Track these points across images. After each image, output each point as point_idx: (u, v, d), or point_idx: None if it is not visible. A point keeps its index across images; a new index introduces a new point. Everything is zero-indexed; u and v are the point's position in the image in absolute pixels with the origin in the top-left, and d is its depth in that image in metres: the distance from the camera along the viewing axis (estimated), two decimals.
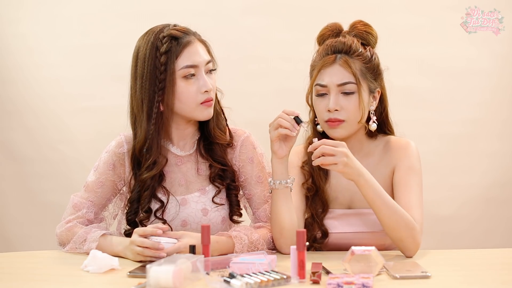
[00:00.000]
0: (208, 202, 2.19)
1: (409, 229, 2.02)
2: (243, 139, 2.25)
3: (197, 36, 2.17)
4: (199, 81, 2.13)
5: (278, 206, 2.10)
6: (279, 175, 2.09)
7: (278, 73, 3.28)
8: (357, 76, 2.11)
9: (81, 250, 2.10)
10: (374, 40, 2.20)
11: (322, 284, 1.72)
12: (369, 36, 2.19)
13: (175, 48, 2.11)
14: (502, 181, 3.29)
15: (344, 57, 2.13)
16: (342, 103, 2.11)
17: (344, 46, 2.14)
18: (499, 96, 3.28)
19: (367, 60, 2.14)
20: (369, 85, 2.14)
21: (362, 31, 2.19)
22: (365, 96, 2.13)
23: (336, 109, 2.11)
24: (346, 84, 2.11)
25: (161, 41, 2.11)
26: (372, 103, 2.16)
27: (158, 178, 2.16)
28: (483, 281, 1.77)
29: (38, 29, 3.35)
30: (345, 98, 2.12)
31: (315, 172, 2.20)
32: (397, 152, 2.18)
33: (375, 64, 2.16)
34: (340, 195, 2.21)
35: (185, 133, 2.22)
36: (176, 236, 2.01)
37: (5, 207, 3.40)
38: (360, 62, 2.13)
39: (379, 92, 2.18)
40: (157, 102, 2.11)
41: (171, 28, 2.14)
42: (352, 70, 2.11)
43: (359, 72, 2.12)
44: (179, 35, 2.12)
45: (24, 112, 3.37)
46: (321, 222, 2.18)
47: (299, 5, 3.27)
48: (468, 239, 3.28)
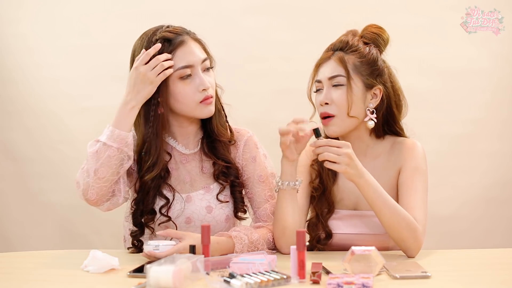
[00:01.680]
0: (212, 200, 2.19)
1: (410, 230, 2.02)
2: (247, 139, 2.27)
3: (191, 35, 2.18)
4: (196, 80, 2.13)
5: (283, 207, 2.10)
6: (287, 176, 2.10)
7: (278, 73, 3.28)
8: (348, 69, 2.13)
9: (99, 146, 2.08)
10: (382, 42, 2.21)
11: (322, 284, 1.72)
12: (376, 37, 2.20)
13: (167, 49, 2.11)
14: (502, 181, 3.29)
15: (339, 53, 2.17)
16: (332, 96, 2.14)
17: (341, 43, 2.18)
18: (499, 96, 3.27)
19: (363, 55, 2.15)
20: (363, 80, 2.15)
21: (370, 32, 2.20)
22: (357, 90, 2.14)
23: (326, 102, 2.14)
24: (336, 77, 2.14)
25: (153, 43, 2.12)
26: (371, 101, 2.16)
27: (163, 175, 2.17)
28: (483, 281, 1.77)
29: (38, 29, 3.35)
30: (334, 91, 2.14)
31: (324, 171, 2.21)
32: (403, 153, 2.18)
33: (371, 60, 2.16)
34: (346, 196, 2.22)
35: (188, 131, 2.23)
36: (178, 237, 2.01)
37: (5, 207, 3.40)
38: (355, 57, 2.15)
39: (380, 90, 2.18)
40: (153, 105, 2.12)
41: (163, 30, 2.15)
42: (343, 64, 2.13)
43: (352, 66, 2.14)
44: (171, 37, 2.13)
45: (24, 112, 3.37)
46: (326, 223, 2.19)
47: (299, 5, 3.27)
48: (468, 239, 3.28)
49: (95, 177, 2.07)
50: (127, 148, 2.08)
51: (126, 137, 2.08)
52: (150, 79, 2.08)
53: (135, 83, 2.09)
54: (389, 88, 2.19)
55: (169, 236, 2.04)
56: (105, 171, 2.06)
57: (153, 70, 2.08)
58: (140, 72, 2.08)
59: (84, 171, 2.10)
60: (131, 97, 2.09)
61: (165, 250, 1.96)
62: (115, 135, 2.07)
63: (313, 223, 2.20)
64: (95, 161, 2.07)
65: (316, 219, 2.20)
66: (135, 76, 2.09)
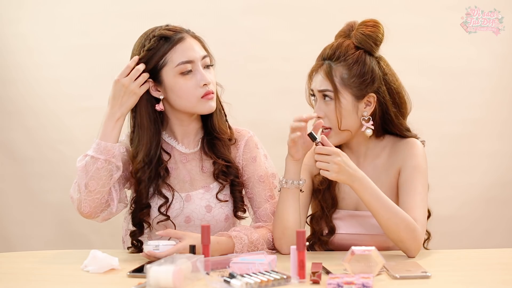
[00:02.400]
0: (212, 199, 2.20)
1: (409, 230, 2.02)
2: (247, 139, 2.27)
3: (191, 33, 2.19)
4: (197, 75, 2.14)
5: (285, 206, 2.10)
6: (291, 175, 2.10)
7: (278, 73, 3.28)
8: (335, 84, 2.12)
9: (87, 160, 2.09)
10: (374, 45, 2.15)
11: (322, 284, 1.72)
12: (366, 39, 2.14)
13: (163, 46, 2.12)
14: (502, 181, 3.29)
15: (327, 64, 2.15)
16: (325, 109, 2.14)
17: (331, 50, 2.16)
18: (499, 96, 3.27)
19: (350, 66, 2.12)
20: (353, 93, 2.13)
21: (361, 34, 2.15)
22: (346, 104, 2.13)
23: (319, 115, 2.14)
24: (325, 91, 2.14)
25: (150, 40, 2.14)
26: (364, 109, 2.15)
27: (162, 174, 2.17)
28: (483, 281, 1.77)
29: (38, 29, 3.34)
30: (325, 105, 2.15)
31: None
32: (403, 152, 2.18)
33: (360, 72, 2.12)
34: (347, 196, 2.22)
35: (189, 129, 2.23)
36: (178, 236, 2.02)
37: (5, 207, 3.39)
38: (343, 69, 2.13)
39: (374, 97, 2.15)
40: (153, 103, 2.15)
41: (162, 28, 2.17)
42: (330, 78, 2.12)
43: (339, 80, 2.12)
44: (170, 34, 2.14)
45: (24, 112, 3.36)
46: (330, 217, 2.18)
47: (299, 5, 3.27)
48: (468, 239, 3.28)
49: (86, 191, 2.09)
50: (115, 159, 2.10)
51: (113, 148, 2.10)
52: (134, 90, 2.12)
53: (118, 96, 2.11)
54: (384, 92, 2.15)
55: (169, 236, 2.04)
56: (95, 183, 2.08)
57: (135, 82, 2.11)
58: (123, 85, 2.11)
59: (76, 186, 2.12)
60: (116, 109, 2.12)
61: (165, 250, 1.96)
62: (101, 147, 2.09)
63: (318, 216, 2.20)
64: (85, 175, 2.09)
65: (321, 212, 2.20)
66: (118, 89, 2.12)
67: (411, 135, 2.22)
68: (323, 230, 2.19)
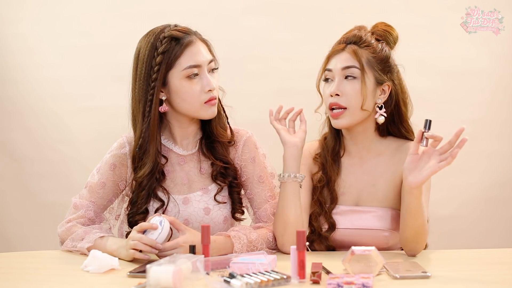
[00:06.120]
0: (210, 201, 2.19)
1: (426, 234, 2.07)
2: (246, 139, 2.26)
3: (198, 36, 2.17)
4: (203, 80, 2.13)
5: (286, 201, 2.10)
6: (288, 168, 2.12)
7: (278, 73, 3.28)
8: (362, 63, 2.14)
9: (75, 248, 2.10)
10: (392, 40, 2.22)
11: (322, 284, 1.72)
12: (387, 34, 2.21)
13: (174, 48, 2.11)
14: (502, 181, 3.29)
15: (353, 46, 2.17)
16: (344, 88, 2.14)
17: (355, 37, 2.18)
18: (499, 96, 3.28)
19: (376, 51, 2.16)
20: (375, 76, 2.15)
21: (381, 29, 2.21)
22: (370, 84, 2.14)
23: (337, 93, 2.13)
24: (350, 68, 2.14)
25: (161, 41, 2.11)
26: (380, 96, 2.17)
27: (158, 177, 2.17)
28: (483, 280, 1.77)
29: (39, 29, 3.35)
30: (347, 83, 2.14)
31: (328, 163, 2.21)
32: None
33: (384, 57, 2.17)
34: (348, 191, 2.22)
35: (188, 131, 2.23)
36: (181, 229, 2.00)
37: (5, 207, 3.40)
38: (369, 52, 2.16)
39: (389, 87, 2.18)
40: (149, 101, 2.12)
41: (172, 28, 2.14)
42: (358, 57, 2.14)
43: (366, 60, 2.15)
44: (180, 36, 2.12)
45: (24, 112, 3.37)
46: (330, 213, 2.18)
47: (299, 5, 3.27)
48: (467, 239, 3.28)
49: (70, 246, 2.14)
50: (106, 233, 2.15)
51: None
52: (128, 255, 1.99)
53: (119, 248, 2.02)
54: (398, 86, 2.20)
55: (174, 224, 2.02)
56: None
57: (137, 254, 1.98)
58: (128, 243, 1.98)
59: (62, 232, 2.18)
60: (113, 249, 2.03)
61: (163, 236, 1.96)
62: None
63: (317, 213, 2.20)
64: (69, 241, 2.14)
65: (320, 209, 2.20)
66: (123, 245, 2.01)
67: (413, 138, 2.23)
68: (322, 226, 2.19)
